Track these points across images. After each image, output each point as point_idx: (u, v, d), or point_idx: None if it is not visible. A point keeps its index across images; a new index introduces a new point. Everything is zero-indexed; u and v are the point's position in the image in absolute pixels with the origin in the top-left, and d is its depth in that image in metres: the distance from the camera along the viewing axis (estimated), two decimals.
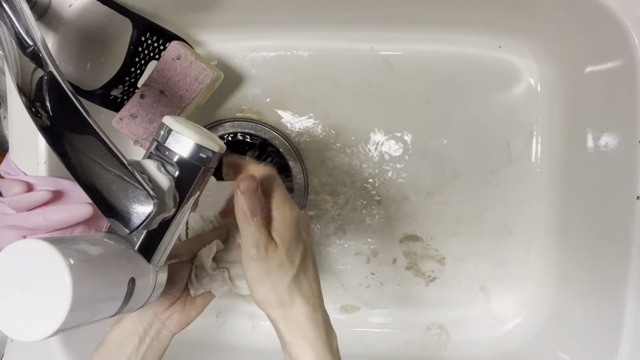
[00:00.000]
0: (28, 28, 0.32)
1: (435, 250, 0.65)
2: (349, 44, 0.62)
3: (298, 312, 0.37)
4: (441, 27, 0.61)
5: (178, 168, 0.33)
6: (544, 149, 0.63)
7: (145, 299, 0.35)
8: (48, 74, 0.31)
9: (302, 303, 0.37)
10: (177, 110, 0.54)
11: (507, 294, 0.65)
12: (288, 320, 0.37)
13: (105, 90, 0.54)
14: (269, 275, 0.36)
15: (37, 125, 0.31)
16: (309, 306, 0.37)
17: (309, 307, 0.37)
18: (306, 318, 0.36)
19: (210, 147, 0.33)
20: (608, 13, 0.48)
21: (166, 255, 0.37)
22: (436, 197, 0.64)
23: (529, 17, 0.56)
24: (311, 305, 0.37)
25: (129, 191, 0.30)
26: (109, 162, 0.30)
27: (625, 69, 0.49)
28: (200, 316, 0.67)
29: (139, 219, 0.29)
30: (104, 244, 0.32)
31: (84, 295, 0.28)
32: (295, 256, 0.37)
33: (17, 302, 0.27)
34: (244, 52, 0.63)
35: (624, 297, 0.50)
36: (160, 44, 0.56)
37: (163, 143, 0.33)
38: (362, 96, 0.63)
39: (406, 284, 0.66)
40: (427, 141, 0.63)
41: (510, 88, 0.62)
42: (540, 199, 0.63)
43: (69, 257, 0.27)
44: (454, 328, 0.65)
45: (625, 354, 0.50)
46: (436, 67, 0.62)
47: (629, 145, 0.50)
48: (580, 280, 0.58)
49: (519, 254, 0.64)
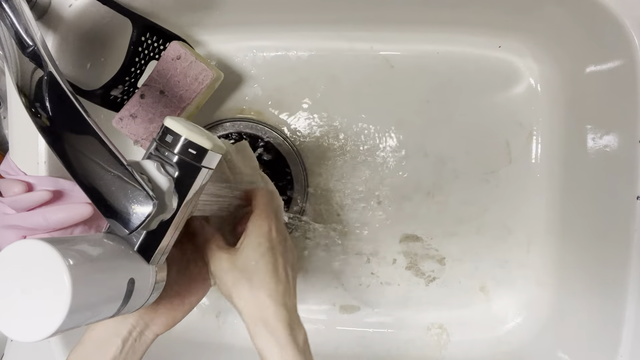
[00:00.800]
0: (28, 28, 0.32)
1: (435, 250, 0.65)
2: (349, 44, 0.62)
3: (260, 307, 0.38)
4: (441, 27, 0.61)
5: (178, 169, 0.33)
6: (544, 149, 0.63)
7: (145, 299, 0.35)
8: (48, 74, 0.31)
9: (265, 297, 0.38)
10: (177, 110, 0.54)
11: (507, 294, 0.65)
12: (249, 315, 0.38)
13: (105, 90, 0.54)
14: (232, 271, 0.39)
15: (36, 126, 0.31)
16: (271, 300, 0.38)
17: (271, 301, 0.38)
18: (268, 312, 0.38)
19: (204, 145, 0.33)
20: (608, 13, 0.48)
21: (166, 256, 0.37)
22: (436, 197, 0.64)
23: (529, 17, 0.56)
24: (273, 300, 0.38)
25: (128, 192, 0.30)
26: (108, 162, 0.30)
27: (625, 69, 0.49)
28: (201, 316, 0.67)
29: (138, 220, 0.29)
30: (104, 245, 0.32)
31: (83, 296, 0.28)
32: (259, 256, 0.39)
33: (17, 302, 0.27)
34: (244, 52, 0.63)
35: (624, 297, 0.50)
36: (160, 44, 0.56)
37: (162, 144, 0.33)
38: (362, 96, 0.63)
39: (406, 284, 0.66)
40: (427, 141, 0.63)
41: (510, 88, 0.62)
42: (540, 199, 0.63)
43: (69, 258, 0.27)
44: (454, 328, 0.65)
45: (625, 354, 0.50)
46: (436, 67, 0.62)
47: (629, 145, 0.50)
48: (580, 280, 0.58)
49: (519, 254, 0.64)
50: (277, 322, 0.37)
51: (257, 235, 0.40)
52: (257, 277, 0.39)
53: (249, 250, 0.39)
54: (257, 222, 0.41)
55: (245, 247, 0.40)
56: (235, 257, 0.39)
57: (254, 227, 0.40)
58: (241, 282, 0.39)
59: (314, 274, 0.66)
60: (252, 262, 0.39)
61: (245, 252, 0.39)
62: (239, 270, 0.39)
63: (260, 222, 0.41)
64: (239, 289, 0.39)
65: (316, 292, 0.66)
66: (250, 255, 0.39)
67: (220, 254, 0.40)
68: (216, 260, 0.40)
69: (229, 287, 0.39)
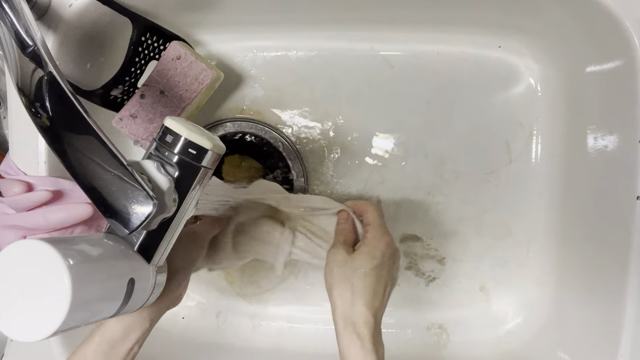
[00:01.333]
0: (28, 28, 0.32)
1: (435, 250, 0.65)
2: (349, 44, 0.62)
3: (355, 311, 0.41)
4: (441, 27, 0.61)
5: (178, 169, 0.33)
6: (544, 149, 0.63)
7: (145, 299, 0.35)
8: (48, 74, 0.31)
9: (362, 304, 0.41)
10: (177, 110, 0.54)
11: (507, 294, 0.65)
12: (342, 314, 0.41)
13: (105, 90, 0.54)
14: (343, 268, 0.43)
15: (36, 126, 0.31)
16: (367, 310, 0.41)
17: (366, 310, 0.41)
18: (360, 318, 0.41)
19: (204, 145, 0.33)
20: (608, 13, 0.48)
21: (166, 256, 0.37)
22: (436, 197, 0.64)
23: (529, 17, 0.56)
24: (369, 310, 0.41)
25: (128, 192, 0.30)
26: (108, 162, 0.30)
27: (625, 69, 0.49)
28: (201, 316, 0.67)
29: (138, 220, 0.29)
30: (104, 245, 0.32)
31: (83, 296, 0.28)
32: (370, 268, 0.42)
33: (17, 303, 0.27)
34: (244, 52, 0.63)
35: (624, 297, 0.50)
36: (160, 44, 0.56)
37: (162, 144, 0.33)
38: (362, 96, 0.63)
39: (406, 284, 0.66)
40: (427, 141, 0.63)
41: (510, 88, 0.62)
42: (540, 199, 0.63)
43: (69, 258, 0.28)
44: (454, 328, 0.65)
45: (625, 354, 0.50)
46: (436, 67, 0.62)
47: (629, 145, 0.50)
48: (580, 280, 0.58)
49: (519, 254, 0.64)
50: (367, 329, 0.40)
51: (375, 248, 0.44)
52: (361, 285, 0.42)
53: (364, 258, 0.43)
54: (376, 235, 0.45)
55: (361, 254, 0.43)
56: (351, 258, 0.43)
57: (374, 239, 0.44)
58: (346, 283, 0.42)
59: (314, 274, 0.66)
60: (362, 270, 0.42)
61: (360, 258, 0.43)
62: (350, 271, 0.42)
63: (380, 236, 0.45)
64: (342, 288, 0.42)
65: (316, 292, 0.66)
66: (363, 263, 0.42)
67: (342, 248, 0.45)
68: (336, 251, 0.45)
69: (335, 282, 0.42)
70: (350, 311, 0.41)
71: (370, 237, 0.45)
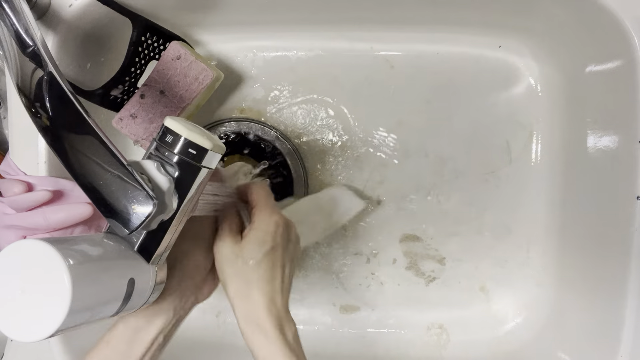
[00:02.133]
0: (28, 28, 0.32)
1: (435, 250, 0.65)
2: (349, 44, 0.62)
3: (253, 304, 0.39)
4: (441, 27, 0.61)
5: (178, 169, 0.33)
6: (544, 149, 0.63)
7: (145, 299, 0.35)
8: (48, 74, 0.31)
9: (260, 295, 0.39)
10: (177, 110, 0.54)
11: (507, 294, 0.65)
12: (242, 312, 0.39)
13: (105, 90, 0.54)
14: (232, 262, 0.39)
15: (36, 126, 0.31)
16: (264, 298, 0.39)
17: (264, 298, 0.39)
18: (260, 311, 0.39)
19: (204, 145, 0.33)
20: (608, 13, 0.48)
21: (166, 256, 0.37)
22: (436, 197, 0.64)
23: (529, 17, 0.56)
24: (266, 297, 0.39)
25: (128, 191, 0.30)
26: (108, 162, 0.30)
27: (625, 69, 0.49)
28: (201, 316, 0.67)
29: (138, 220, 0.29)
30: (104, 245, 0.32)
31: (83, 296, 0.28)
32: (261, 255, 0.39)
33: (17, 303, 0.27)
34: (244, 52, 0.63)
35: (624, 297, 0.50)
36: (160, 44, 0.56)
37: (162, 144, 0.33)
38: (362, 96, 0.63)
39: (406, 284, 0.66)
40: (427, 141, 0.63)
41: (510, 88, 0.62)
42: (540, 199, 0.63)
43: (69, 258, 0.27)
44: (454, 328, 0.65)
45: (625, 355, 0.50)
46: (436, 67, 0.62)
47: (629, 145, 0.50)
48: (580, 280, 0.58)
49: (519, 254, 0.64)
50: (269, 320, 0.38)
51: (264, 232, 0.40)
52: (255, 277, 0.39)
53: (253, 247, 0.39)
54: (263, 217, 0.41)
55: (250, 243, 0.40)
56: (240, 249, 0.40)
57: (261, 223, 0.41)
58: (239, 278, 0.39)
59: (314, 274, 0.66)
60: (253, 261, 0.39)
61: (249, 248, 0.39)
62: (241, 264, 0.39)
63: (267, 218, 0.41)
64: (237, 284, 0.39)
65: (316, 292, 0.66)
66: (253, 253, 0.39)
67: (228, 239, 0.40)
68: (222, 244, 0.40)
69: (228, 280, 0.40)
70: (250, 307, 0.39)
71: (257, 221, 0.41)
